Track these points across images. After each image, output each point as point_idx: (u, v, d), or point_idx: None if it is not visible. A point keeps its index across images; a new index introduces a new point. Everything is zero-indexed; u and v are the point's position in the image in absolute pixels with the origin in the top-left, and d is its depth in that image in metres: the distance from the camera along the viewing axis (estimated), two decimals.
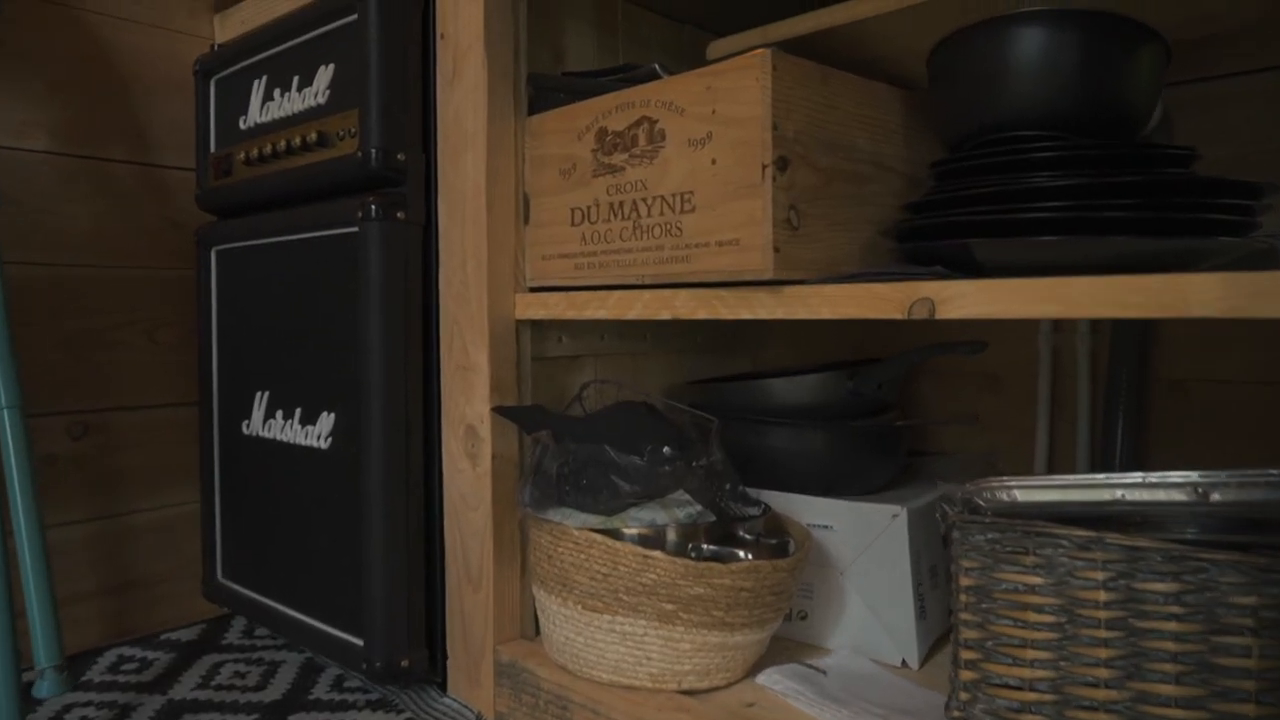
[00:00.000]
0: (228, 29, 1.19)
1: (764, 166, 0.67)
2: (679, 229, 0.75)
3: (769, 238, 0.68)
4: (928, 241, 0.67)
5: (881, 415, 0.94)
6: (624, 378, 1.00)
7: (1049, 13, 0.67)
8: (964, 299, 0.60)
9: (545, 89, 0.89)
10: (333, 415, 0.95)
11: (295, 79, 0.99)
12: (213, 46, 1.12)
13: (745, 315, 0.72)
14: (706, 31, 1.17)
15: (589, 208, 0.83)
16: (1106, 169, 0.62)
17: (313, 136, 0.93)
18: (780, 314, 0.70)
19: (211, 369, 1.13)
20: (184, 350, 1.19)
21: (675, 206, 0.75)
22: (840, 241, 0.73)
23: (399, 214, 0.88)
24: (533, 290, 0.90)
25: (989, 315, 0.59)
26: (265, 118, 1.03)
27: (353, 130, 0.90)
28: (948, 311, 0.61)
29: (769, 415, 0.92)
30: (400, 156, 0.88)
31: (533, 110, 0.90)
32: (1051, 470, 1.14)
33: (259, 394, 1.05)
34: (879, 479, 0.93)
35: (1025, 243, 0.61)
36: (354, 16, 0.90)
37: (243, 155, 1.04)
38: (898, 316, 0.63)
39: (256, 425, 1.06)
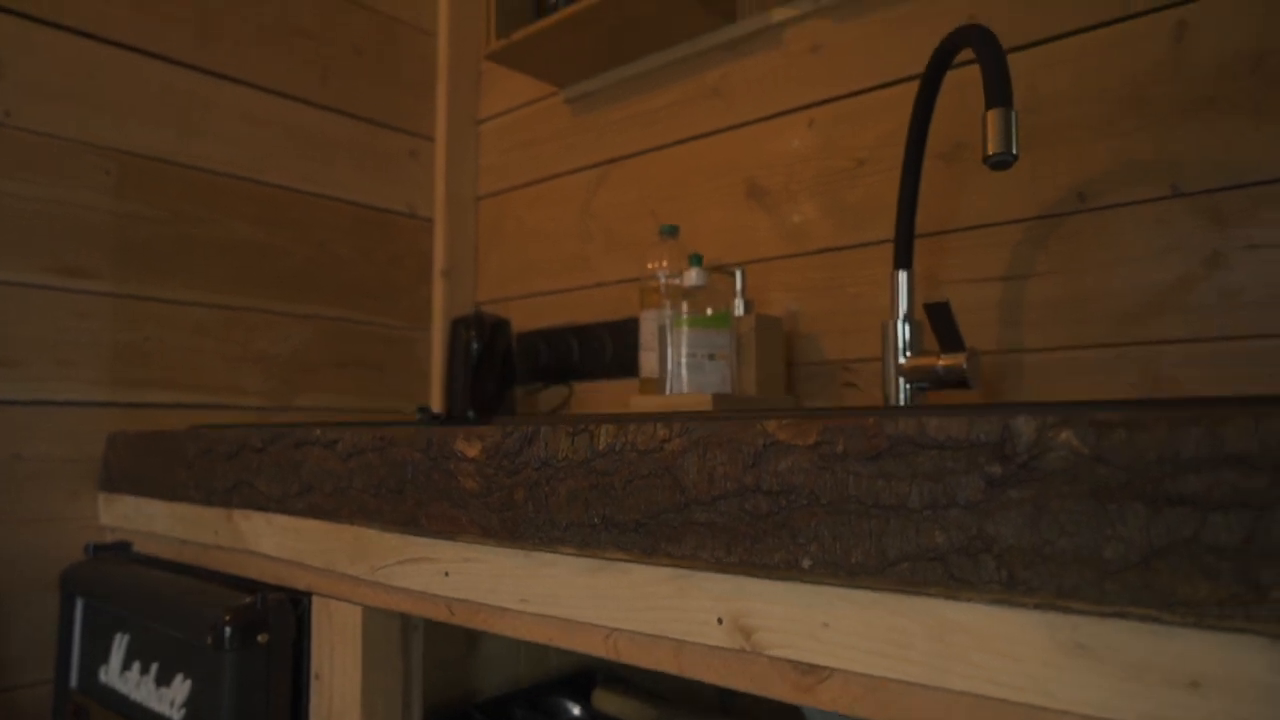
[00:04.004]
0: (113, 513, 1.02)
1: None
2: None
3: None
4: None
5: None
6: None
7: None
8: None
9: None
10: None
11: (155, 666, 0.80)
12: (88, 548, 0.95)
13: None
14: None
15: None
16: None
17: None
18: None
19: None
20: None
21: None
22: None
23: None
24: None
25: None
26: (124, 688, 0.84)
27: None
28: None
29: None
30: None
31: None
32: None
33: None
34: None
35: None
36: (209, 641, 0.71)
37: None
38: None
39: None
